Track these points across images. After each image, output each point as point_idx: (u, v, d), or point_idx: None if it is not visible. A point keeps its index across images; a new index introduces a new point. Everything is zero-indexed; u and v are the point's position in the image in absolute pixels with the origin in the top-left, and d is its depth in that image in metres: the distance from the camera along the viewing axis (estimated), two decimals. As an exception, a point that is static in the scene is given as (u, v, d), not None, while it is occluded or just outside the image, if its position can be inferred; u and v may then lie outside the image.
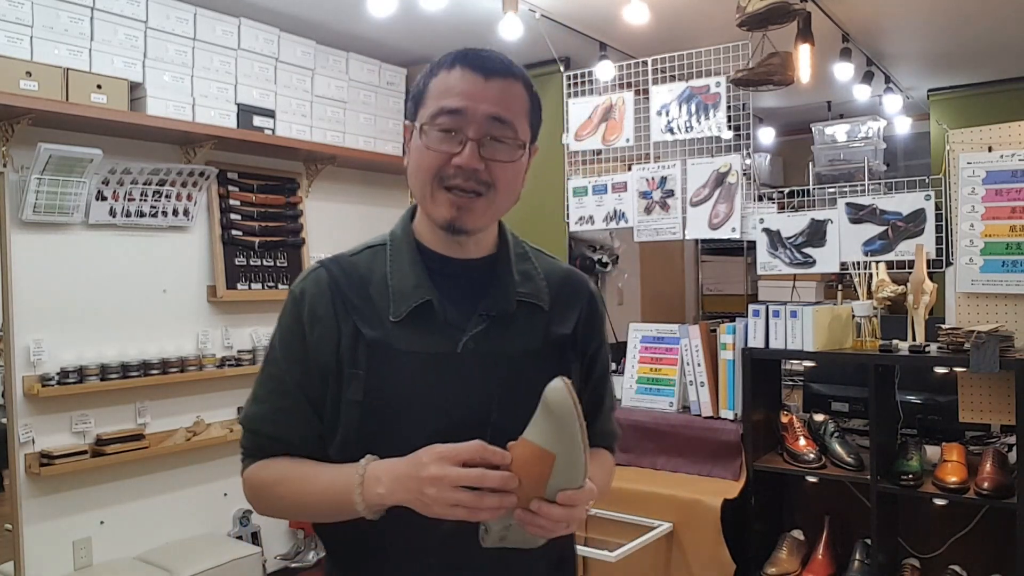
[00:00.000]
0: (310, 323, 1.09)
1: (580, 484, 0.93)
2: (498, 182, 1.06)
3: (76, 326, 2.91)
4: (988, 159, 2.37)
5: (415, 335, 1.06)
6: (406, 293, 1.08)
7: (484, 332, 1.08)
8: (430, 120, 1.06)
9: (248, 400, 1.15)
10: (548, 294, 1.16)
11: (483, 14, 3.19)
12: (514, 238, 1.20)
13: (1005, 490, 2.16)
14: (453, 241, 1.11)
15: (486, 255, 1.15)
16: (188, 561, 2.92)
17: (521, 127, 1.09)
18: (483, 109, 1.04)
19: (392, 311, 1.07)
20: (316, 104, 3.58)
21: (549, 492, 0.93)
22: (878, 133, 4.26)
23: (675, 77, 3.14)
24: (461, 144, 1.04)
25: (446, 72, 1.07)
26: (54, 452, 2.76)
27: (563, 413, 0.91)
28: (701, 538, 2.45)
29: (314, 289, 1.11)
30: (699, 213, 3.01)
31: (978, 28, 3.75)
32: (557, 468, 0.92)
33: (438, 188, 1.06)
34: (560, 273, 1.21)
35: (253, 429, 1.13)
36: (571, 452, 0.92)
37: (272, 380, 1.12)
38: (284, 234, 3.62)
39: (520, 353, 1.09)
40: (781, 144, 5.93)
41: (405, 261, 1.11)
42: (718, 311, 5.45)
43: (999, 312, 2.37)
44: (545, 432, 0.92)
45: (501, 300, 1.11)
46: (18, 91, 2.56)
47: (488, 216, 1.10)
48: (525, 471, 0.92)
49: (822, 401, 2.87)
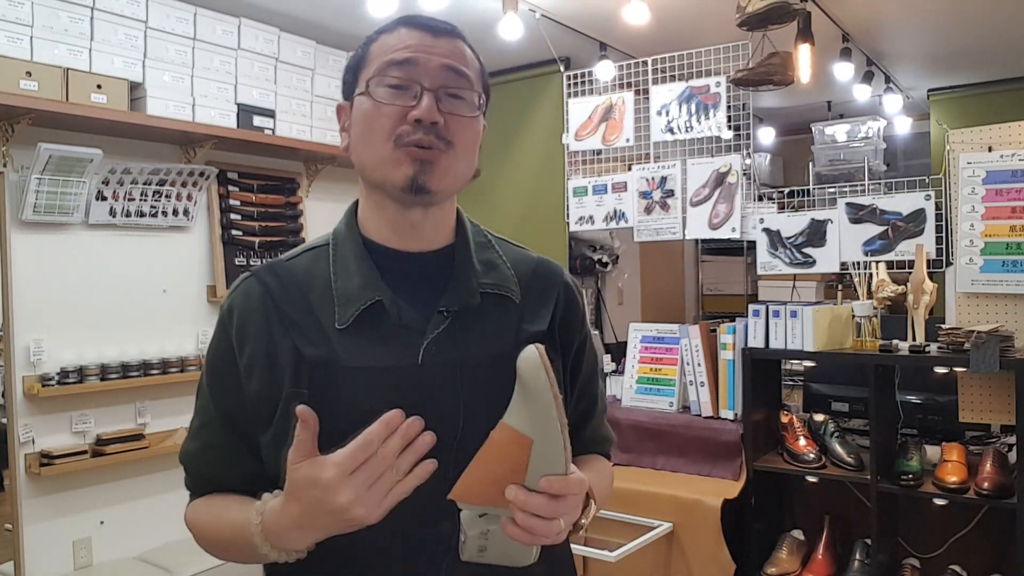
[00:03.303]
0: (239, 344, 0.95)
1: (562, 470, 0.81)
2: (456, 140, 0.94)
3: (76, 326, 2.91)
4: (988, 159, 2.37)
5: (366, 345, 0.92)
6: (352, 295, 0.94)
7: (447, 334, 0.94)
8: (377, 75, 0.93)
9: (187, 433, 1.04)
10: (517, 284, 1.01)
11: (483, 14, 3.19)
12: (473, 225, 1.06)
13: (1005, 490, 2.16)
14: (406, 225, 0.98)
15: (443, 246, 1.01)
16: (188, 561, 2.92)
17: (475, 81, 0.97)
18: (436, 60, 0.94)
19: (337, 318, 0.93)
20: (316, 104, 3.58)
21: (530, 482, 0.81)
22: (878, 133, 4.25)
23: (675, 77, 3.15)
24: (415, 97, 0.92)
25: (387, 35, 0.97)
26: (54, 452, 2.76)
27: (535, 387, 0.80)
28: (701, 538, 2.45)
29: (243, 304, 0.97)
30: (699, 213, 3.01)
31: (978, 28, 3.75)
32: (535, 453, 0.80)
33: (395, 148, 0.92)
34: (529, 263, 1.06)
35: (187, 467, 1.03)
36: (548, 433, 0.80)
37: (201, 414, 1.00)
38: (284, 234, 3.62)
39: (490, 357, 0.94)
40: (781, 144, 5.93)
41: (351, 260, 0.97)
42: (718, 311, 5.45)
43: (999, 312, 2.37)
44: (519, 412, 0.81)
45: (463, 293, 0.96)
46: (18, 91, 2.56)
47: (450, 178, 0.95)
48: (503, 460, 0.81)
49: (822, 401, 2.87)
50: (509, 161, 3.92)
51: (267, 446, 0.95)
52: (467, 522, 0.85)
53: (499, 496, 0.81)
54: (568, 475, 0.82)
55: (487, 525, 0.83)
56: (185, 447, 1.03)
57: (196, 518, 1.01)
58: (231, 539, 0.93)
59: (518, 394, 0.82)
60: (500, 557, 0.86)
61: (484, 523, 0.84)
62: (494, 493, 0.81)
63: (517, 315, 1.00)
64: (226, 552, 0.98)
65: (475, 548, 0.85)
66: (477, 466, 0.83)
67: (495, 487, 0.81)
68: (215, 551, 1.00)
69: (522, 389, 0.81)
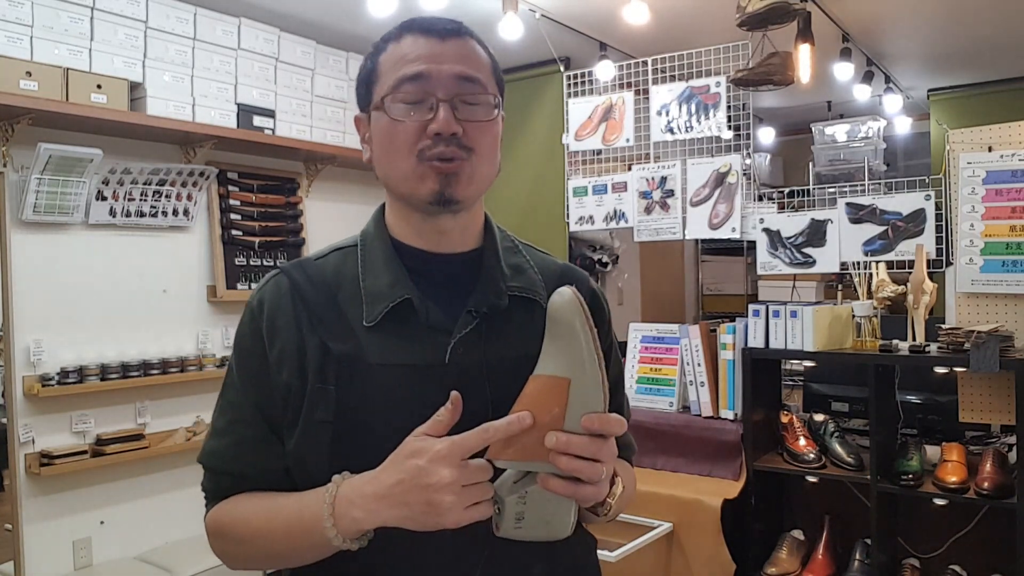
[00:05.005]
0: (270, 337, 0.95)
1: (602, 407, 0.80)
2: (477, 146, 0.94)
3: (76, 326, 2.91)
4: (988, 159, 2.37)
5: (394, 343, 0.93)
6: (381, 293, 0.95)
7: (474, 334, 0.94)
8: (391, 93, 0.94)
9: (207, 434, 1.01)
10: (545, 289, 1.01)
11: (483, 14, 3.19)
12: (501, 231, 1.07)
13: (1005, 490, 2.16)
14: (433, 231, 0.99)
15: (471, 249, 1.02)
16: (188, 561, 2.92)
17: (489, 84, 0.97)
18: (447, 68, 0.93)
19: (365, 315, 0.94)
20: (316, 104, 3.58)
21: (570, 424, 0.79)
22: (878, 133, 4.25)
23: (675, 77, 3.15)
24: (432, 109, 0.92)
25: (395, 44, 0.97)
26: (54, 452, 2.76)
27: (571, 324, 0.79)
28: (701, 538, 2.45)
29: (274, 298, 0.97)
30: (699, 213, 3.01)
31: (978, 28, 3.75)
32: (574, 393, 0.79)
33: (419, 163, 0.93)
34: (556, 269, 1.08)
35: (213, 468, 0.99)
36: (586, 370, 0.79)
37: (232, 408, 0.98)
38: (284, 234, 3.62)
39: (516, 357, 0.93)
40: (781, 144, 5.93)
41: (379, 260, 0.98)
42: (718, 311, 5.45)
43: (999, 312, 2.37)
44: (553, 356, 0.80)
45: (491, 295, 0.97)
46: (18, 91, 2.56)
47: (475, 184, 0.96)
48: (541, 408, 0.79)
49: (822, 401, 2.87)
50: (509, 161, 3.90)
51: (293, 445, 0.94)
52: (502, 488, 0.83)
53: (538, 448, 0.79)
54: (607, 413, 0.81)
55: (524, 487, 0.82)
56: (210, 446, 0.99)
57: (228, 518, 0.96)
58: (280, 528, 0.90)
59: (550, 340, 0.81)
60: (538, 526, 0.84)
61: (521, 486, 0.82)
62: (532, 445, 0.79)
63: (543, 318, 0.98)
64: (266, 550, 0.94)
65: (512, 518, 0.83)
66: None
67: (533, 438, 0.79)
68: (248, 552, 0.96)
69: (555, 331, 0.81)
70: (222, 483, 0.98)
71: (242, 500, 0.96)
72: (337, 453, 0.90)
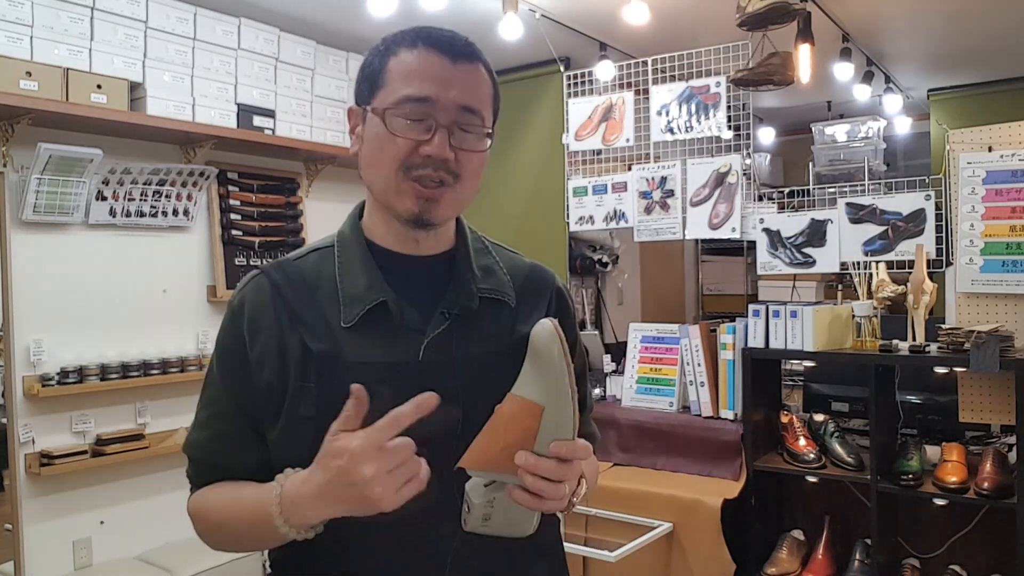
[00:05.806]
0: (250, 336, 0.99)
1: (571, 436, 0.86)
2: (464, 172, 0.99)
3: (76, 326, 2.91)
4: (988, 159, 2.37)
5: (370, 342, 0.97)
6: (358, 295, 0.99)
7: (446, 333, 0.99)
8: (395, 106, 0.97)
9: (192, 423, 1.06)
10: (513, 289, 1.08)
11: (483, 14, 3.19)
12: (472, 232, 1.11)
13: (1005, 490, 2.16)
14: (409, 237, 1.03)
15: (443, 251, 1.07)
16: (188, 561, 2.92)
17: (487, 116, 1.02)
18: (453, 97, 0.97)
19: (343, 316, 0.98)
20: (316, 104, 3.58)
21: (540, 448, 0.85)
22: (878, 133, 4.25)
23: (675, 77, 3.15)
24: (430, 131, 0.96)
25: (407, 51, 0.99)
26: (54, 452, 2.76)
27: (549, 356, 0.85)
28: (701, 538, 2.45)
29: (255, 298, 1.01)
30: (699, 213, 3.01)
31: (978, 28, 3.75)
32: (546, 420, 0.85)
33: (404, 179, 0.97)
34: (524, 268, 1.13)
35: (194, 457, 1.05)
36: (559, 400, 0.85)
37: (212, 403, 1.03)
38: (284, 234, 3.62)
39: (486, 355, 1.00)
40: (781, 144, 5.93)
41: (355, 262, 1.02)
42: (718, 311, 5.45)
43: (999, 312, 2.37)
44: (532, 382, 0.86)
45: (463, 297, 1.02)
46: (18, 91, 2.56)
47: (454, 208, 1.01)
48: (514, 428, 0.85)
49: (822, 401, 2.87)
50: (509, 161, 3.92)
51: (276, 439, 0.98)
52: (472, 492, 0.88)
53: (508, 463, 0.85)
54: (575, 440, 0.87)
55: (493, 493, 0.87)
56: (192, 437, 1.05)
57: (203, 505, 1.03)
58: (243, 519, 0.95)
59: (530, 365, 0.87)
60: (502, 526, 0.90)
61: (490, 492, 0.87)
62: (503, 460, 0.85)
63: (511, 317, 1.06)
64: (233, 535, 1.00)
65: (479, 517, 0.89)
66: (486, 435, 0.87)
67: (504, 454, 0.85)
68: (220, 537, 1.02)
69: (535, 360, 0.86)
70: (203, 472, 1.04)
71: (216, 489, 1.02)
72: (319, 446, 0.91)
